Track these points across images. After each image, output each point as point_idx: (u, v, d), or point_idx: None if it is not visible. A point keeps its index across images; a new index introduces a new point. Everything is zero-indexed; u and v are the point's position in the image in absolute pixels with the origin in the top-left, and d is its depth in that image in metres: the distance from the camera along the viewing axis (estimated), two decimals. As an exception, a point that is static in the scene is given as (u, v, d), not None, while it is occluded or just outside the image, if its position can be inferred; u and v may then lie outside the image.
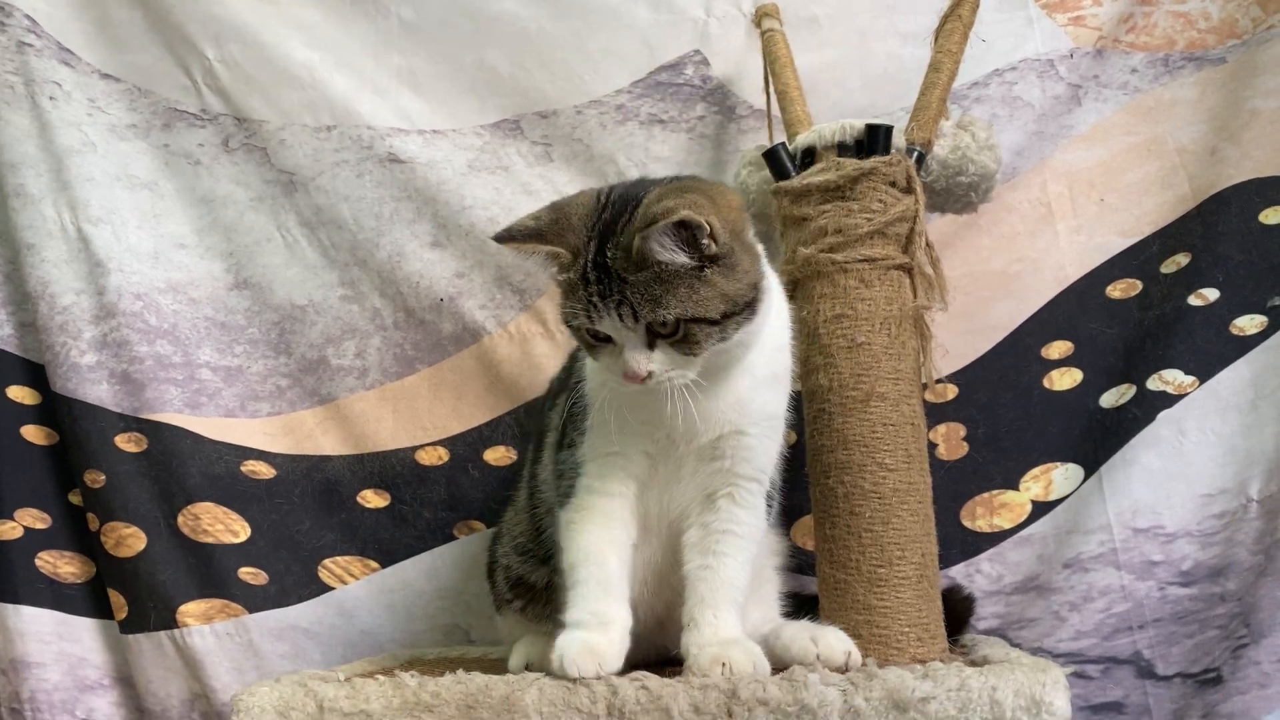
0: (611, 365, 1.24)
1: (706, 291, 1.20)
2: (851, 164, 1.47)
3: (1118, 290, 1.84)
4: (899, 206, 1.47)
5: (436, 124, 1.96)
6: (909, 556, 1.42)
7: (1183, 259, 1.82)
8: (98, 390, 1.94)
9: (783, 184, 1.54)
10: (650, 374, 1.21)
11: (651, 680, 1.22)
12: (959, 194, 1.60)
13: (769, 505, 1.42)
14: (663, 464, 1.36)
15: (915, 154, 1.53)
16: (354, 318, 1.98)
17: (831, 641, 1.31)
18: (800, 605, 1.56)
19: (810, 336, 1.49)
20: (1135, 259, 1.84)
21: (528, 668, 1.45)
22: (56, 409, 1.95)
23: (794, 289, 1.54)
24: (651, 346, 1.21)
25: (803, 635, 1.34)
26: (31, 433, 1.99)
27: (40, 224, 1.94)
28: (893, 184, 1.47)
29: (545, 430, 1.52)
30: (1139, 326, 1.82)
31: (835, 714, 1.18)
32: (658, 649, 1.40)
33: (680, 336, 1.21)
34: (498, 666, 1.49)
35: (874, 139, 1.50)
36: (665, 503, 1.38)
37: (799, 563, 1.70)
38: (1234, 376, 1.77)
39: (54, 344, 1.93)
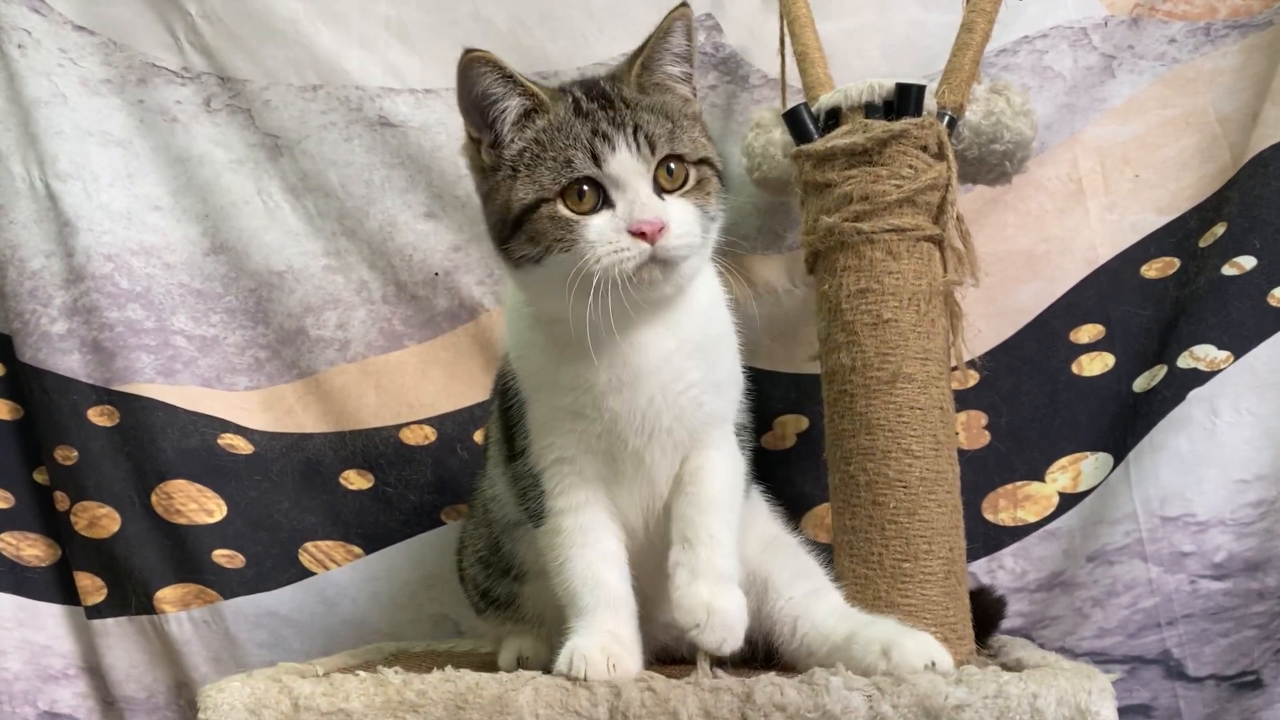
0: (607, 233, 1.09)
1: (704, 138, 1.16)
2: (880, 126, 1.38)
3: (1153, 270, 1.75)
4: (930, 173, 1.37)
5: (429, 82, 1.87)
6: (936, 550, 1.33)
7: (1219, 229, 1.72)
8: (69, 360, 1.84)
9: (805, 147, 1.44)
10: (668, 225, 1.08)
11: (658, 681, 1.13)
12: (993, 163, 1.51)
13: (740, 439, 1.28)
14: (620, 460, 1.23)
15: (947, 119, 1.43)
16: (337, 288, 1.88)
17: (912, 647, 1.15)
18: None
19: (832, 312, 1.40)
20: (1173, 236, 1.75)
21: (520, 664, 1.35)
22: (24, 381, 1.85)
23: (814, 261, 1.44)
24: (661, 200, 1.11)
25: (874, 647, 1.16)
26: None
27: (8, 182, 1.85)
28: (924, 149, 1.38)
29: (488, 443, 1.43)
30: (1176, 306, 1.72)
31: (859, 721, 1.08)
32: (650, 642, 1.28)
33: (694, 183, 1.13)
34: (489, 662, 1.41)
35: (904, 100, 1.40)
36: (645, 492, 1.26)
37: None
38: (1272, 351, 1.65)
39: (23, 311, 1.84)
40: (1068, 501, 1.72)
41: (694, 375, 1.20)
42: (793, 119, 1.48)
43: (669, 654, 1.36)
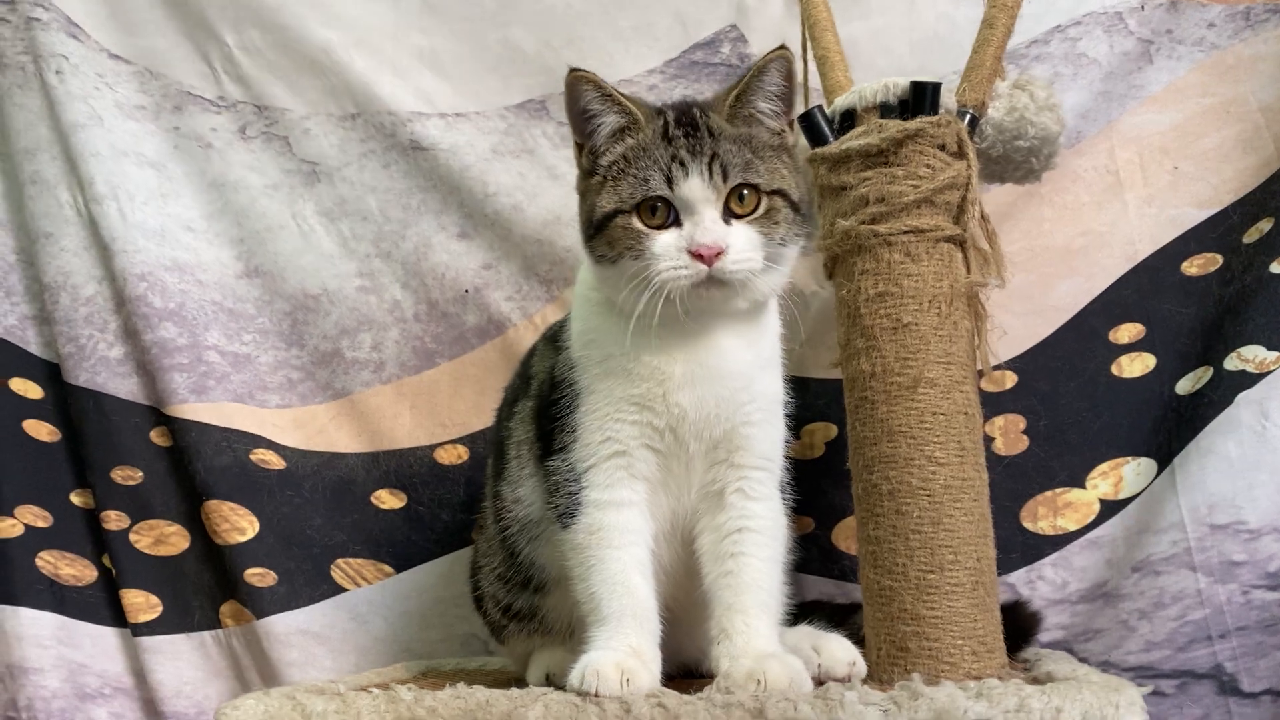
0: (670, 250, 1.17)
1: (786, 170, 1.22)
2: (895, 125, 1.33)
3: (1195, 266, 1.69)
4: (949, 172, 1.33)
5: (459, 106, 1.89)
6: (962, 560, 1.28)
7: (1265, 225, 1.65)
8: (129, 384, 1.89)
9: (820, 150, 1.40)
10: (726, 250, 1.16)
11: (670, 697, 1.11)
12: (1018, 160, 1.46)
13: (783, 494, 1.31)
14: (671, 460, 1.26)
15: (967, 117, 1.39)
16: (371, 309, 1.90)
17: (835, 650, 1.25)
18: (843, 615, 1.43)
19: (851, 317, 1.36)
20: (1214, 231, 1.68)
21: (549, 680, 1.34)
22: (72, 404, 1.89)
23: (833, 265, 1.41)
24: (727, 224, 1.18)
25: (805, 644, 1.27)
26: (33, 427, 1.92)
27: (57, 211, 1.89)
28: (942, 147, 1.33)
29: (506, 442, 1.41)
30: (1219, 304, 1.66)
31: (876, 737, 1.05)
32: (665, 654, 1.26)
33: (763, 212, 1.20)
34: (518, 681, 1.39)
35: (920, 98, 1.36)
36: (675, 504, 1.28)
37: (841, 568, 1.57)
38: None
39: (78, 336, 1.88)
40: (1110, 509, 1.65)
41: (760, 389, 1.26)
42: (808, 122, 1.44)
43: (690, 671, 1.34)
